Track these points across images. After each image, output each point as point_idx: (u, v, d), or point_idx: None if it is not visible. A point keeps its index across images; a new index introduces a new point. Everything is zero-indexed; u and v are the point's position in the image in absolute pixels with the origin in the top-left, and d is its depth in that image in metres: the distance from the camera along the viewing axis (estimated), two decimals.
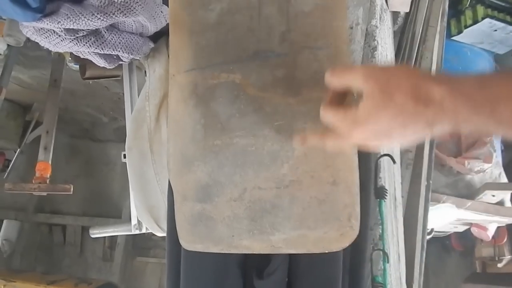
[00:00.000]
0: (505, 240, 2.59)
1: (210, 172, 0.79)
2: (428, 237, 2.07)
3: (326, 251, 0.71)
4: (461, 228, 2.30)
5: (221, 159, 0.79)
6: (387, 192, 0.86)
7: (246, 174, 0.77)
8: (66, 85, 3.09)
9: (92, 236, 1.95)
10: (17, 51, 2.57)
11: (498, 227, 2.48)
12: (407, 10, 1.36)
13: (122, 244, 4.56)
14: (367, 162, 0.88)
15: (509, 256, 2.61)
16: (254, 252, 0.76)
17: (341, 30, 0.75)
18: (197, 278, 0.81)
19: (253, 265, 0.80)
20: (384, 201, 0.87)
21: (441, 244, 3.09)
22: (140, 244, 4.74)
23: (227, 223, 0.77)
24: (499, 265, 2.65)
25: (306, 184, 0.74)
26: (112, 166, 5.28)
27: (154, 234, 4.49)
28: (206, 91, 0.82)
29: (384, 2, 1.34)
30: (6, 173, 4.13)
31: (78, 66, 2.27)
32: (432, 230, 2.07)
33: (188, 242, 0.80)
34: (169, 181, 0.93)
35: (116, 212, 4.82)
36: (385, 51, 1.26)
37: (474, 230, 2.24)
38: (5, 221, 4.44)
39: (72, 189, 2.39)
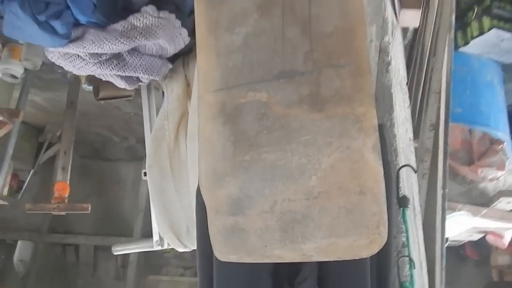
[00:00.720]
0: None
1: (241, 186, 0.84)
2: None
3: (357, 258, 0.75)
4: (476, 237, 2.32)
5: (251, 174, 0.83)
6: (409, 201, 0.90)
7: (276, 187, 0.81)
8: (78, 106, 3.15)
9: (115, 253, 1.99)
10: (33, 74, 2.65)
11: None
12: (417, 25, 1.42)
13: (135, 262, 4.57)
14: (389, 172, 0.92)
15: None
16: (286, 261, 0.80)
17: (361, 49, 0.80)
18: None
19: (284, 274, 0.84)
20: (407, 209, 0.90)
21: (455, 253, 3.08)
22: (152, 262, 4.75)
23: (259, 234, 0.81)
24: None
25: (334, 194, 0.78)
26: (123, 185, 5.32)
27: (165, 252, 4.55)
28: (234, 109, 0.87)
29: (395, 18, 1.39)
30: (20, 194, 4.19)
31: (91, 88, 2.34)
32: (447, 239, 2.08)
33: (222, 254, 0.83)
34: (196, 197, 0.98)
35: (127, 230, 4.84)
36: (398, 65, 1.30)
37: (490, 238, 2.26)
38: (19, 242, 4.48)
39: (89, 208, 2.43)
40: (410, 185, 1.17)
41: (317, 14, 0.84)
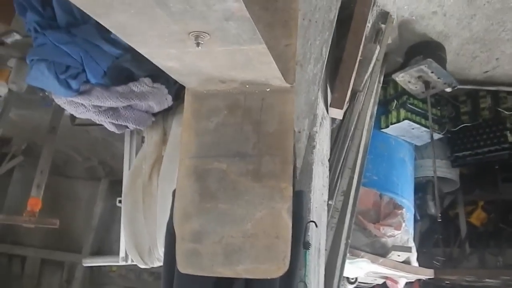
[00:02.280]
0: None
1: (201, 224, 1.27)
2: (352, 286, 2.59)
3: (269, 278, 1.20)
4: (380, 281, 2.84)
5: (209, 216, 1.27)
6: (310, 245, 1.37)
7: (224, 227, 1.26)
8: (48, 124, 3.45)
9: (84, 265, 2.30)
10: (16, 95, 2.96)
11: (412, 282, 3.04)
12: (341, 118, 1.95)
13: (80, 278, 4.72)
14: (301, 224, 1.39)
15: None
16: (225, 276, 1.23)
17: (289, 146, 1.28)
18: None
19: (222, 285, 1.27)
20: (308, 251, 1.37)
21: None
22: (97, 280, 4.91)
23: (209, 257, 1.24)
24: None
25: (260, 236, 1.23)
26: (77, 203, 5.48)
27: (111, 271, 4.97)
28: (203, 172, 1.32)
29: (325, 111, 1.92)
30: None
31: (69, 113, 2.69)
32: (356, 279, 2.58)
33: (183, 268, 1.25)
34: (168, 227, 1.40)
35: (77, 246, 4.99)
36: (322, 148, 1.81)
37: (388, 283, 2.78)
38: None
39: (58, 223, 2.74)
40: (318, 234, 1.65)
41: (265, 120, 1.31)
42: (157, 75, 1.81)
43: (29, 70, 1.77)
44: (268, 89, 1.34)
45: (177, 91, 1.95)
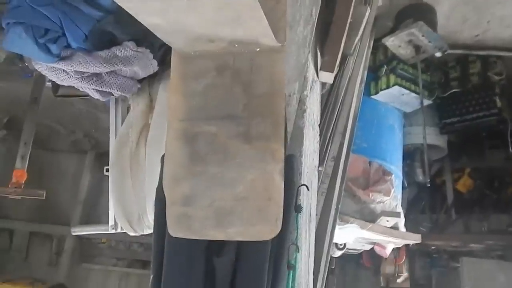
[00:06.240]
0: (403, 259, 3.22)
1: (192, 187, 1.25)
2: (341, 252, 2.63)
3: (261, 239, 1.19)
4: (368, 247, 2.89)
5: (199, 180, 1.25)
6: (302, 209, 1.36)
7: (215, 190, 1.23)
8: (29, 96, 3.35)
9: (73, 233, 2.28)
10: None
11: (399, 248, 3.10)
12: (331, 83, 1.92)
13: (70, 250, 4.74)
14: (292, 188, 1.37)
15: (406, 273, 3.25)
16: (216, 239, 1.22)
17: (280, 108, 1.25)
18: (177, 255, 1.25)
19: (214, 248, 1.26)
20: (300, 214, 1.36)
21: (355, 262, 3.69)
22: (86, 251, 4.93)
23: (200, 220, 1.22)
24: (398, 280, 3.27)
25: (252, 199, 1.21)
26: (64, 176, 5.44)
27: (100, 242, 4.97)
28: (193, 135, 1.28)
29: (315, 75, 1.88)
30: None
31: (51, 84, 2.61)
32: (345, 245, 2.62)
33: (174, 231, 1.24)
34: (157, 193, 1.37)
35: (65, 219, 4.97)
36: (312, 112, 1.78)
37: (376, 248, 2.83)
38: None
39: (44, 195, 2.70)
40: (309, 198, 1.65)
41: (254, 80, 1.27)
42: (141, 39, 1.75)
43: (5, 34, 1.68)
44: (257, 49, 1.29)
45: (163, 56, 1.89)
